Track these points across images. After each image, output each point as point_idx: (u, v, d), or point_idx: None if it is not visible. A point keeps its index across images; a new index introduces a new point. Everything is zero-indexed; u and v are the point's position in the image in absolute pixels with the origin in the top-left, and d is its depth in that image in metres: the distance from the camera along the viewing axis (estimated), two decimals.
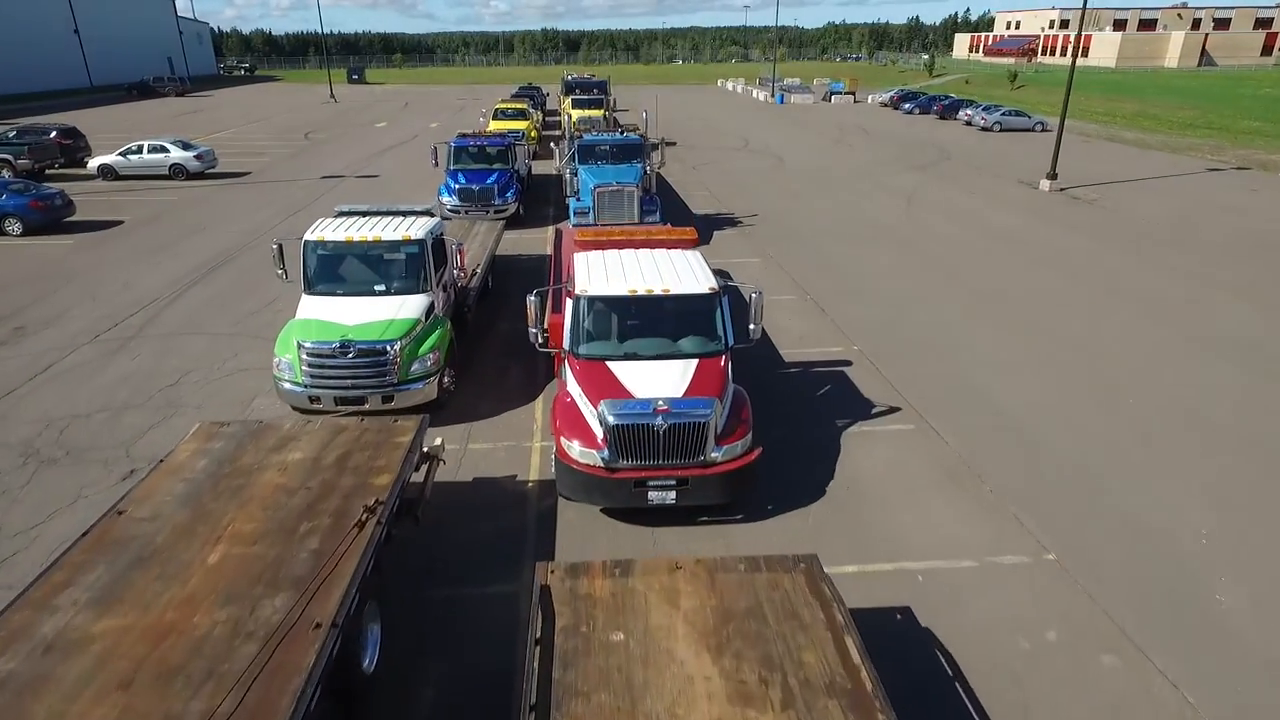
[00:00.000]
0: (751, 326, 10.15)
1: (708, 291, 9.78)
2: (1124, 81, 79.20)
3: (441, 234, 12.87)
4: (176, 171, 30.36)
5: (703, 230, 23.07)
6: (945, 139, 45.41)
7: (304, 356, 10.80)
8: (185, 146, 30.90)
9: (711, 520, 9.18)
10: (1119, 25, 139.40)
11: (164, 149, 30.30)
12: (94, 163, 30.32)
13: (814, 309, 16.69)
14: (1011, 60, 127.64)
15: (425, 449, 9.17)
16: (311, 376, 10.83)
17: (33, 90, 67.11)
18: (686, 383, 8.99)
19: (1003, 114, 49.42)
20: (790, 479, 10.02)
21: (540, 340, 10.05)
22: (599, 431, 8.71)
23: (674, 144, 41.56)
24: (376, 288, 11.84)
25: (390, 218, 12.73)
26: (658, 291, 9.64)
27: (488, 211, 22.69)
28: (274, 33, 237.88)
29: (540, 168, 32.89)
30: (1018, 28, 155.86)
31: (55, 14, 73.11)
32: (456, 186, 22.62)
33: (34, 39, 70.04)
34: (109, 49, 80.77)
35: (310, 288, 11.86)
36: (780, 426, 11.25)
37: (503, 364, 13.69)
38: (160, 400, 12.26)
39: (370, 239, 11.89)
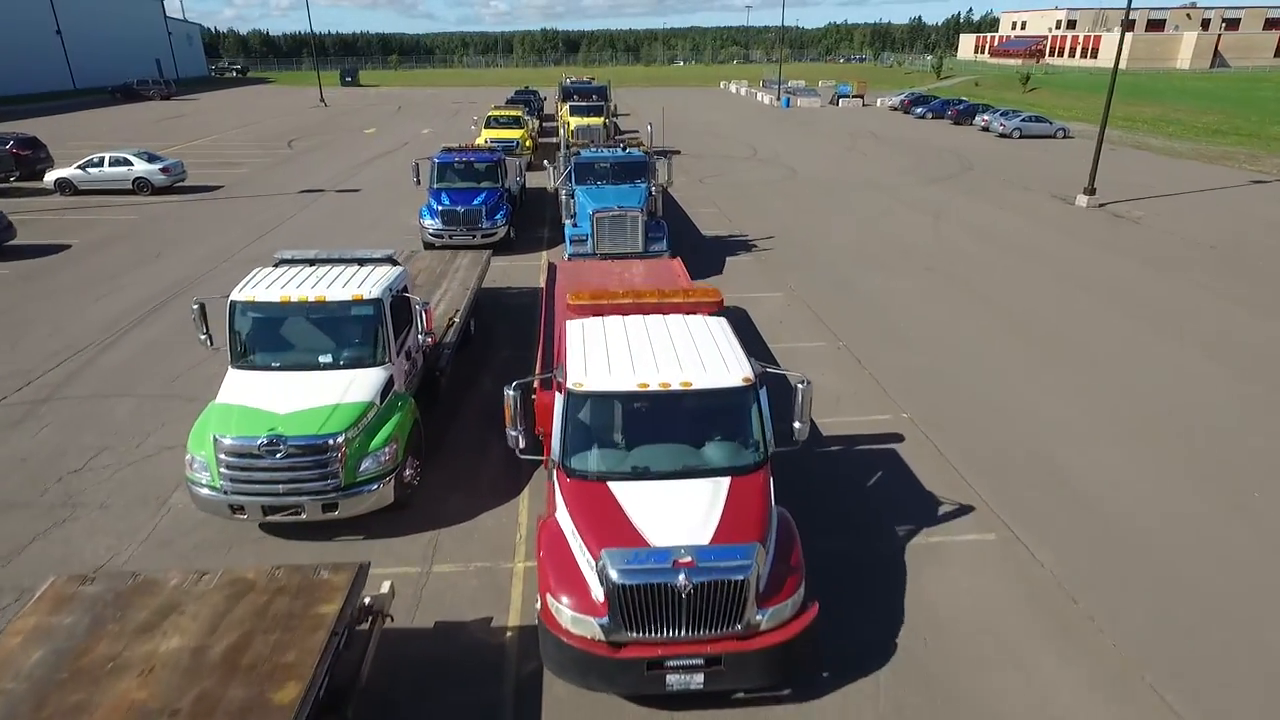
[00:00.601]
0: (797, 425, 7.79)
1: (741, 384, 7.41)
2: (1138, 84, 76.89)
3: (405, 288, 10.50)
4: (141, 186, 28.01)
5: (714, 256, 20.74)
6: (963, 146, 43.07)
7: (221, 456, 8.46)
8: (151, 158, 28.55)
9: (750, 699, 6.85)
10: (1127, 26, 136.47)
11: (127, 161, 27.94)
12: (51, 176, 27.96)
13: (849, 359, 14.34)
14: (1018, 61, 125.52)
15: (366, 600, 6.86)
16: (232, 480, 8.49)
17: (10, 93, 64.74)
18: (717, 517, 6.64)
19: (1022, 120, 47.10)
20: (849, 622, 7.68)
21: (522, 445, 7.70)
22: (598, 590, 6.37)
23: (678, 152, 39.24)
24: (321, 359, 9.49)
25: (341, 268, 10.37)
26: (676, 385, 7.28)
27: (474, 236, 20.36)
28: (271, 33, 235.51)
29: (536, 180, 30.53)
30: (1023, 28, 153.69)
31: (36, 14, 70.77)
32: (439, 208, 20.27)
33: (12, 40, 67.67)
34: (93, 50, 78.45)
35: (237, 360, 9.51)
36: (827, 536, 8.92)
37: (482, 437, 11.34)
38: (56, 495, 9.91)
39: (313, 299, 9.52)
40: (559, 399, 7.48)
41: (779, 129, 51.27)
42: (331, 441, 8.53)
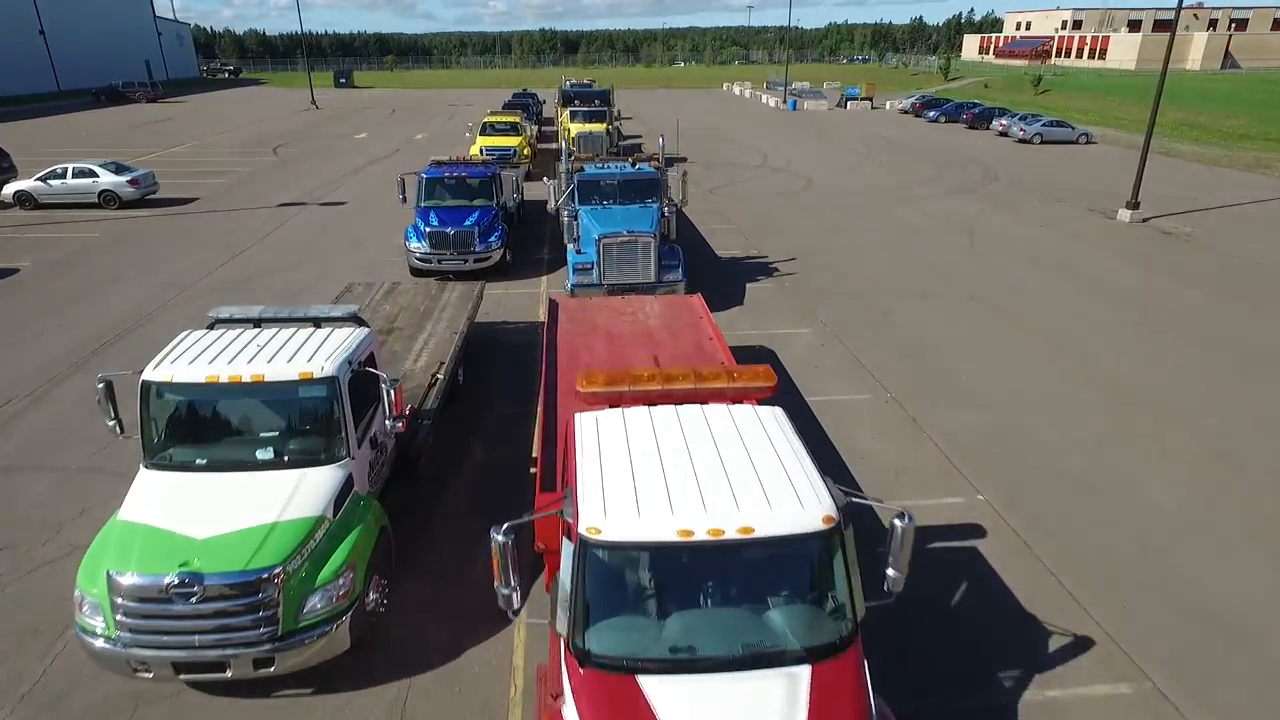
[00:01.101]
0: (892, 573, 5.70)
1: (822, 527, 5.31)
2: (1150, 85, 74.78)
3: (370, 356, 8.40)
4: (107, 199, 25.91)
5: (732, 282, 18.65)
6: (983, 153, 41.02)
7: (118, 600, 6.37)
8: (118, 169, 26.44)
9: None
10: (1133, 26, 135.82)
11: (91, 173, 25.82)
12: (9, 189, 25.84)
13: (900, 417, 12.27)
14: (1025, 62, 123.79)
15: None
16: (132, 631, 6.40)
17: None
18: None
19: (1043, 124, 45.07)
20: None
21: (515, 605, 5.61)
22: None
23: (684, 159, 37.17)
24: (259, 456, 7.39)
25: (290, 332, 8.26)
26: (732, 532, 5.18)
27: (466, 261, 18.28)
28: (267, 33, 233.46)
29: (535, 192, 28.43)
30: (1028, 29, 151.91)
31: (18, 13, 68.59)
32: (427, 229, 18.18)
33: None
34: (79, 51, 76.29)
35: (151, 456, 7.42)
36: (910, 681, 6.85)
37: (469, 529, 9.26)
38: None
39: (249, 378, 7.40)
40: (567, 548, 5.38)
41: (788, 134, 49.21)
42: (265, 577, 6.44)
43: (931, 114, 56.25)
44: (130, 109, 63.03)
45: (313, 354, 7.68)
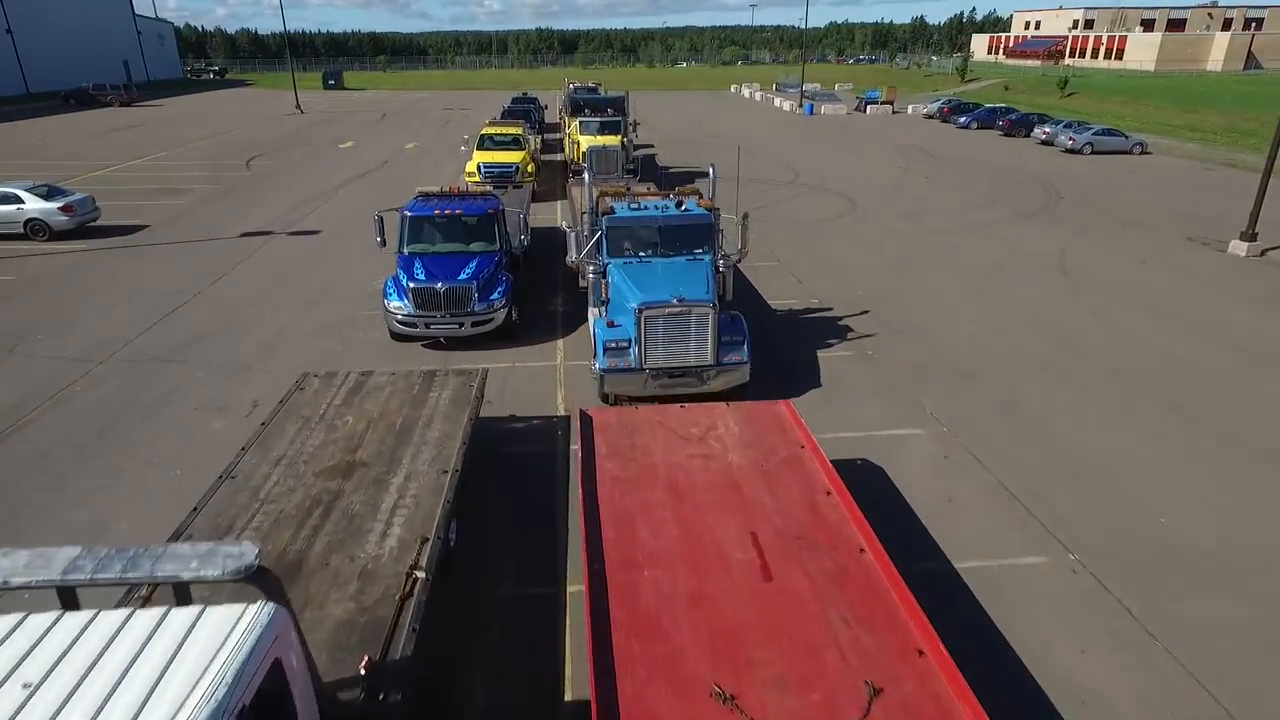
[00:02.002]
0: None
1: None
2: (1186, 87, 71.05)
3: (272, 669, 4.34)
4: (36, 230, 21.82)
5: (798, 348, 14.64)
6: (1035, 166, 37.08)
7: None
8: (50, 194, 22.33)
9: None
10: (1146, 25, 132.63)
11: (16, 199, 21.73)
12: None
13: (1109, 605, 8.26)
14: (1037, 63, 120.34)
15: None
16: None
17: None
18: None
19: (1094, 133, 41.14)
20: None
21: None
22: None
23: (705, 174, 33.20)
24: None
25: (99, 642, 4.15)
26: None
27: (461, 324, 14.28)
28: (259, 32, 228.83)
29: (541, 216, 24.44)
30: (1037, 28, 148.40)
31: None
32: (411, 285, 14.15)
33: None
34: (51, 51, 71.94)
35: None
36: None
37: None
38: None
39: None
40: None
41: (812, 142, 45.23)
42: None
43: (962, 119, 52.30)
44: (99, 114, 58.69)
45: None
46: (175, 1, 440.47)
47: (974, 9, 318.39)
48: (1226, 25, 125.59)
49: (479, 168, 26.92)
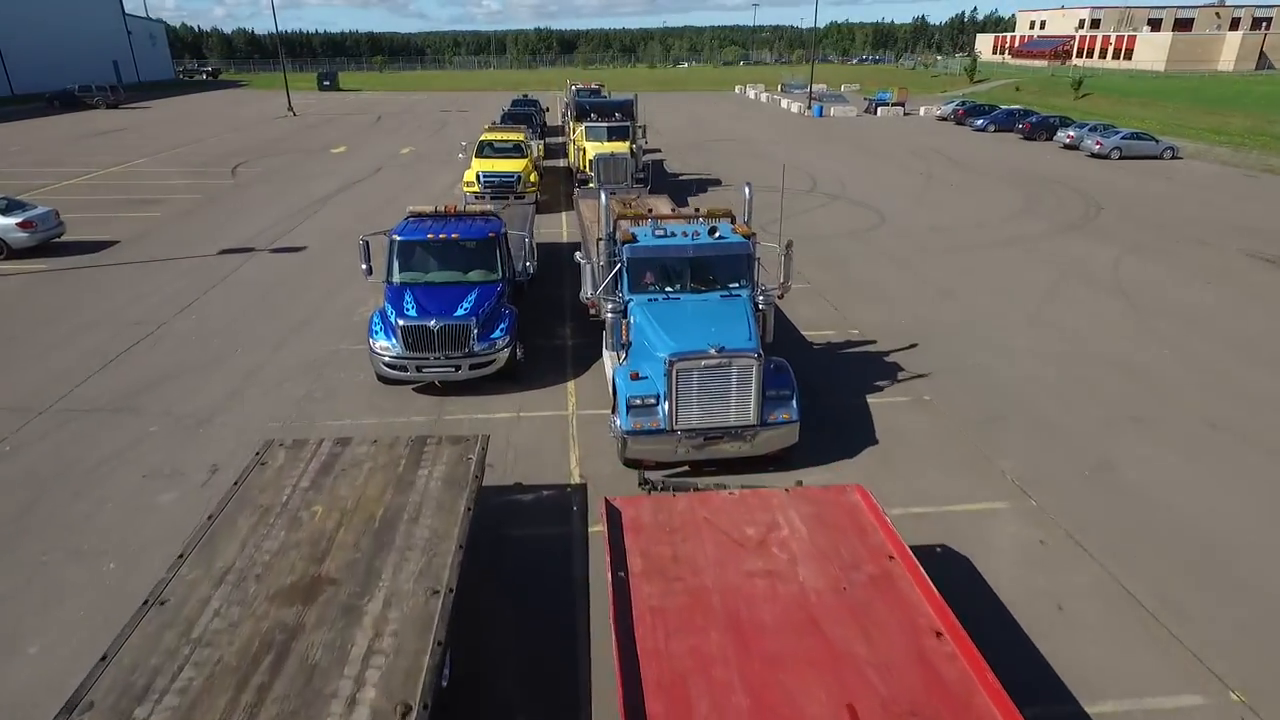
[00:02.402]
0: None
1: None
2: (1201, 89, 69.18)
3: None
4: None
5: (842, 392, 12.70)
6: (1061, 172, 35.22)
7: None
8: (9, 208, 20.41)
9: None
10: (1153, 25, 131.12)
11: None
12: None
13: None
14: (1044, 63, 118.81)
15: None
16: None
17: None
18: None
19: (1122, 137, 39.27)
20: None
21: None
22: None
23: (717, 182, 31.36)
24: None
25: None
26: None
27: (458, 368, 12.38)
28: (255, 32, 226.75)
29: (545, 227, 22.55)
30: (1043, 27, 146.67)
31: None
32: (401, 323, 12.23)
33: None
34: (37, 52, 69.86)
35: None
36: None
37: None
38: None
39: None
40: None
41: (826, 146, 43.33)
42: None
43: (979, 122, 50.43)
44: (84, 116, 56.66)
45: None
46: (173, 1, 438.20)
47: (975, 8, 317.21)
48: (1234, 25, 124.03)
49: (478, 177, 25.00)
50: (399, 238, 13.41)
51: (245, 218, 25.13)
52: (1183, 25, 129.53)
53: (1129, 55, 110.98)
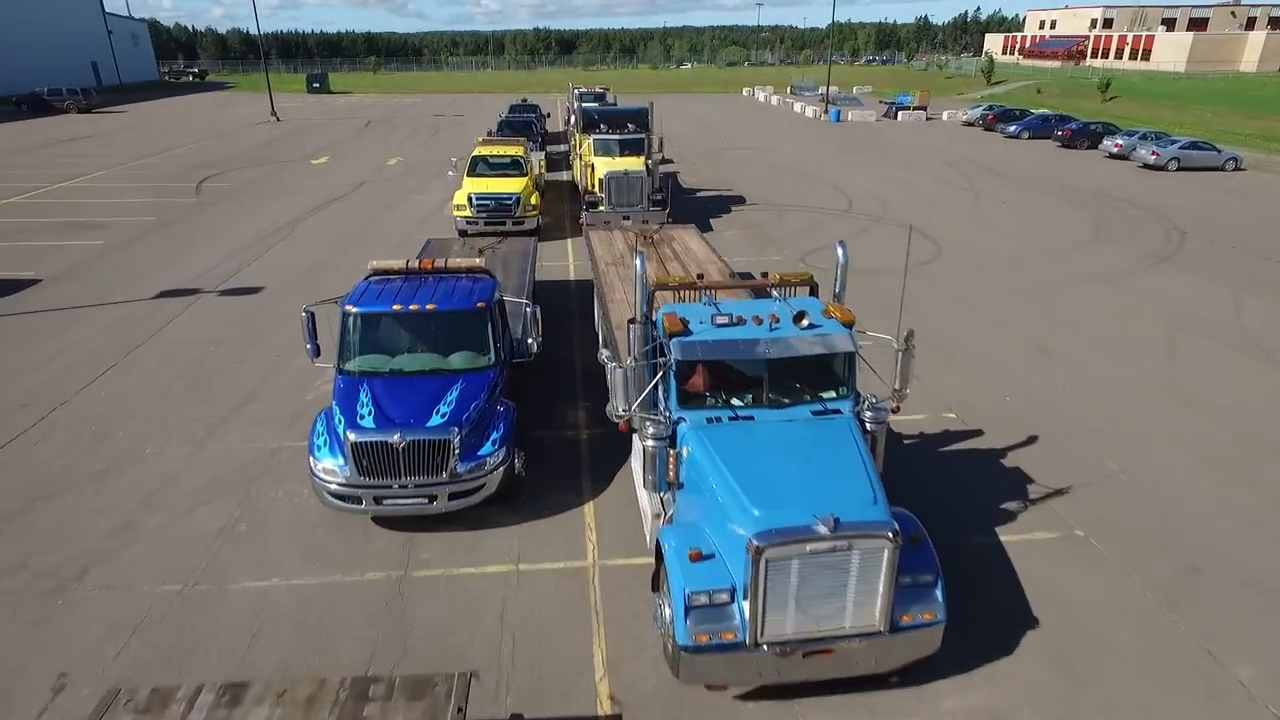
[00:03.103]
0: None
1: None
2: (1238, 90, 65.66)
3: None
4: None
5: (967, 522, 9.08)
6: (1122, 187, 31.75)
7: None
8: None
9: None
10: (1167, 24, 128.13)
11: None
12: None
13: None
14: (1057, 63, 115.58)
15: None
16: None
17: None
18: None
19: (1180, 147, 35.79)
20: None
21: None
22: None
23: (740, 200, 27.89)
24: None
25: None
26: None
27: (433, 499, 8.86)
28: (251, 32, 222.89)
29: (548, 259, 19.06)
30: (1053, 27, 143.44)
31: None
32: (353, 437, 8.69)
33: None
34: (9, 52, 66.20)
35: None
36: None
37: None
38: None
39: None
40: None
41: (851, 155, 39.83)
42: None
43: (1011, 128, 46.94)
44: (52, 122, 53.01)
45: None
46: (171, 1, 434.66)
47: (979, 8, 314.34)
48: (1249, 24, 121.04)
49: (470, 200, 21.50)
50: (354, 309, 9.86)
51: (199, 247, 21.59)
52: (1197, 25, 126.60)
53: (1146, 56, 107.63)
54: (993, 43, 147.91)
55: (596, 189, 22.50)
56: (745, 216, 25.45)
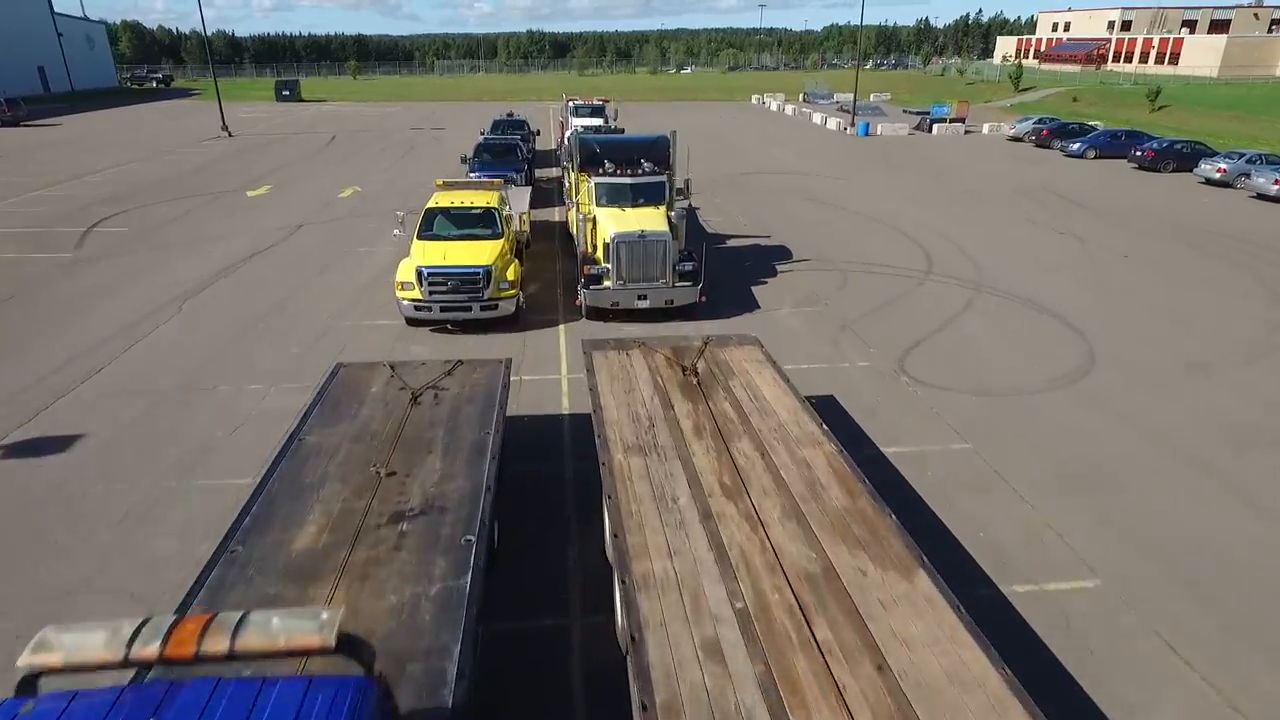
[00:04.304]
0: None
1: None
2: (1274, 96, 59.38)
3: None
4: None
5: None
6: (1256, 229, 25.41)
7: None
8: None
9: None
10: (1189, 26, 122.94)
11: None
12: None
13: None
14: (1078, 67, 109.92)
15: None
16: None
17: None
18: None
19: None
20: None
21: None
22: None
23: (784, 254, 21.57)
24: None
25: None
26: None
27: None
28: (236, 34, 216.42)
29: (533, 374, 12.46)
30: (1066, 29, 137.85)
31: None
32: None
33: None
34: None
35: None
36: None
37: None
38: None
39: None
40: None
41: (897, 181, 33.40)
42: None
43: (1073, 146, 40.57)
44: None
45: None
46: (163, 4, 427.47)
47: (980, 10, 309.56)
48: (1275, 26, 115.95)
49: (420, 275, 14.94)
50: None
51: (31, 343, 14.99)
52: (1219, 26, 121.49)
53: (1174, 59, 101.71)
54: (1005, 45, 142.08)
55: (600, 256, 16.01)
56: (798, 283, 19.01)
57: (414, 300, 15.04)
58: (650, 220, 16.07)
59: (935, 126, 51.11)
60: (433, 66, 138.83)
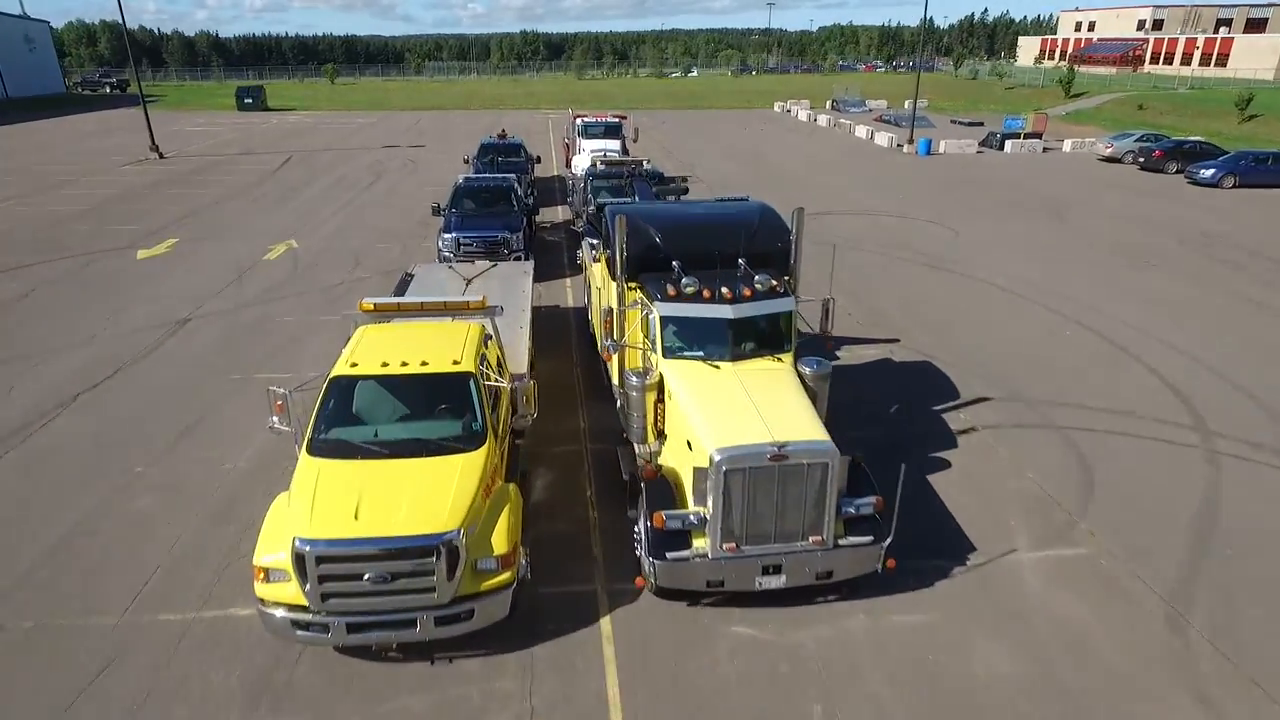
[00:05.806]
0: None
1: None
2: None
3: None
4: None
5: None
6: None
7: None
8: None
9: None
10: (1225, 25, 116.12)
11: None
12: None
13: None
14: (1113, 70, 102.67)
15: None
16: None
17: None
18: None
19: None
20: None
21: None
22: None
23: (948, 390, 13.34)
24: None
25: None
26: None
27: None
28: (220, 35, 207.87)
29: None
30: (1091, 29, 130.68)
31: None
32: None
33: None
34: None
35: None
36: None
37: None
38: None
39: None
40: None
41: (1016, 229, 25.27)
42: None
43: (1205, 173, 32.48)
44: None
45: None
46: (155, 5, 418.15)
47: (985, 10, 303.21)
48: None
49: (299, 560, 6.68)
50: None
51: None
52: (1255, 25, 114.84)
53: (1222, 61, 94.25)
54: (1029, 46, 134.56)
55: (684, 480, 7.79)
56: (1001, 463, 10.85)
57: (288, 606, 6.82)
58: (784, 407, 7.86)
59: (1007, 144, 43.02)
60: (420, 69, 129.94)
